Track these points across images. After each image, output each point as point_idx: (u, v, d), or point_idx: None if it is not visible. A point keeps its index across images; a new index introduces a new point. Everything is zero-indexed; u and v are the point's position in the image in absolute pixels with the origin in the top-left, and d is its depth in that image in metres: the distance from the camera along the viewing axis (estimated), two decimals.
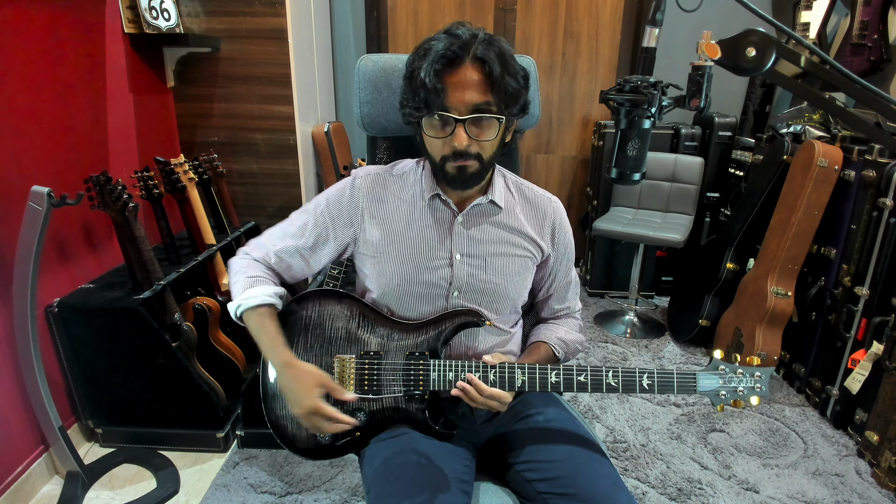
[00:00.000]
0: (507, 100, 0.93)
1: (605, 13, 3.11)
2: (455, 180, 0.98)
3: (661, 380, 0.95)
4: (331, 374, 1.00)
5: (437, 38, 0.93)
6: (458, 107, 0.91)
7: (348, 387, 1.00)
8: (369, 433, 1.02)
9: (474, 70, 0.90)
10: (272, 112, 2.48)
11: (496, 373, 0.96)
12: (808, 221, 2.12)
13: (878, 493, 1.75)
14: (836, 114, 1.05)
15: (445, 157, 0.95)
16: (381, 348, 1.02)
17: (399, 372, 1.00)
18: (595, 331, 2.77)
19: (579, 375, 0.96)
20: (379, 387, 1.01)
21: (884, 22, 2.41)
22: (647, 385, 0.95)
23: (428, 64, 0.90)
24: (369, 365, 1.01)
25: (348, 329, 1.03)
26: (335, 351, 1.02)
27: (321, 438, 1.02)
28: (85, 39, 1.88)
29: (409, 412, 1.01)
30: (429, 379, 0.99)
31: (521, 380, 0.97)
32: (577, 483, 0.94)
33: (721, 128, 2.84)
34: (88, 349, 1.76)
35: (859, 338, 1.98)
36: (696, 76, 0.85)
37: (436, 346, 1.01)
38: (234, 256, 1.10)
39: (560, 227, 1.11)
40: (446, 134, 0.93)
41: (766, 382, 0.95)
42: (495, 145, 0.97)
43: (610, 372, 0.95)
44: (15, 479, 1.62)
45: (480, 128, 0.93)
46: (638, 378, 0.95)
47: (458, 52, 0.89)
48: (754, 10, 0.80)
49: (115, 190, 1.68)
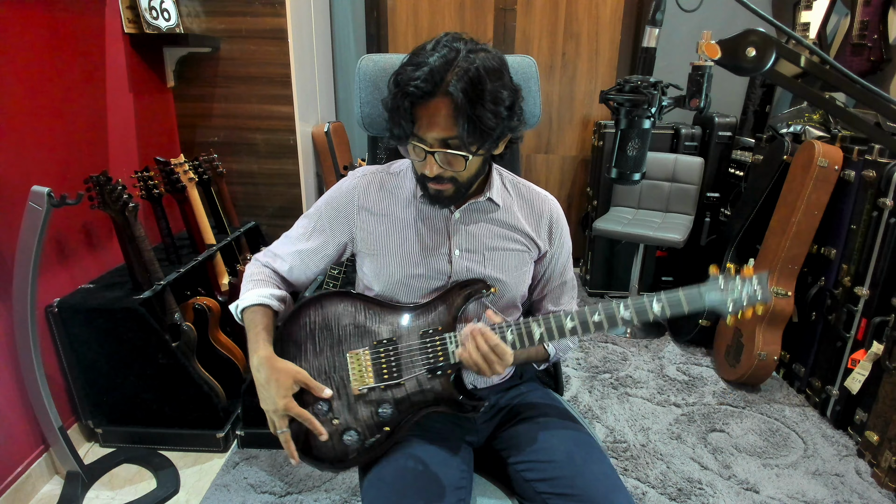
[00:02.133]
0: (475, 135, 0.88)
1: (605, 13, 3.11)
2: (434, 200, 0.99)
3: (669, 301, 0.94)
4: (347, 372, 0.99)
5: (414, 63, 0.89)
6: (427, 138, 0.90)
7: (367, 379, 0.98)
8: (397, 426, 0.99)
9: (444, 104, 0.87)
10: (272, 112, 2.48)
11: (513, 330, 0.95)
12: (808, 221, 2.12)
13: (878, 493, 1.75)
14: (836, 114, 1.05)
15: (424, 177, 0.96)
16: (394, 334, 1.00)
17: (416, 352, 0.99)
18: None
19: (593, 315, 0.94)
20: (399, 371, 0.99)
21: (884, 22, 2.41)
22: (658, 309, 0.93)
23: (400, 96, 0.89)
24: (385, 352, 0.99)
25: (356, 324, 1.02)
26: (347, 348, 1.00)
27: (350, 442, 0.97)
28: (85, 39, 1.88)
29: (435, 390, 0.98)
30: (447, 351, 0.97)
31: (539, 332, 0.95)
32: (575, 483, 0.94)
33: (721, 128, 2.84)
34: (88, 349, 1.76)
35: (859, 338, 1.98)
36: (696, 76, 0.85)
37: (448, 319, 1.00)
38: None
39: (557, 224, 1.11)
40: (420, 159, 0.94)
41: (765, 286, 0.95)
42: (472, 170, 0.96)
43: (621, 305, 0.94)
44: (15, 479, 1.62)
45: (448, 160, 0.92)
46: (648, 304, 0.94)
47: (427, 89, 0.86)
48: (754, 10, 0.80)
49: (115, 190, 1.68)
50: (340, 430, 0.97)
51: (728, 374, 2.33)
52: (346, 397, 0.98)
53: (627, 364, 2.47)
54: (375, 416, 0.98)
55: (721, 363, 2.40)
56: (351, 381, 0.98)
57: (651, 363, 2.48)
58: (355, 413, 0.98)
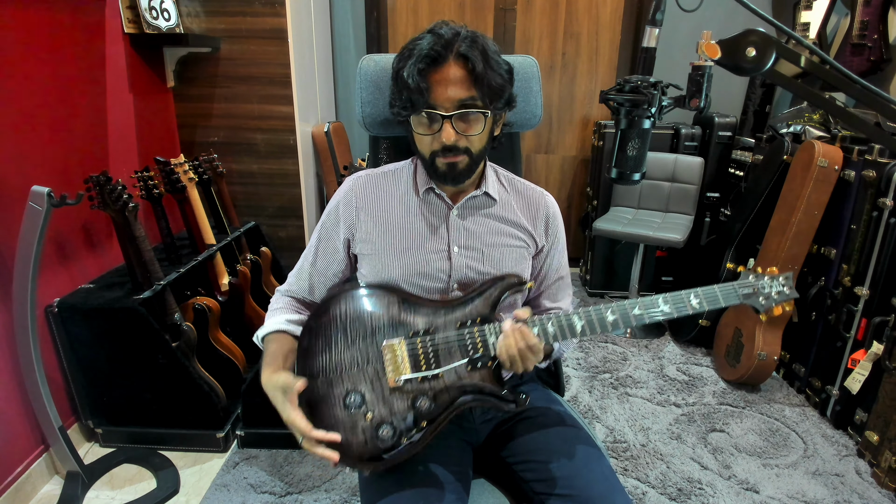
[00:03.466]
0: (492, 94, 0.94)
1: (605, 13, 3.11)
2: (446, 176, 0.99)
3: (707, 297, 0.95)
4: (382, 363, 0.95)
5: (420, 37, 0.94)
6: (443, 103, 0.92)
7: (404, 370, 0.94)
8: (434, 421, 0.94)
9: (458, 67, 0.91)
10: (272, 112, 2.48)
11: (553, 323, 0.94)
12: (808, 221, 2.12)
13: (878, 493, 1.75)
14: (836, 114, 1.05)
15: (435, 153, 0.97)
16: (430, 325, 0.97)
17: (454, 343, 0.96)
18: None
19: (633, 309, 0.94)
20: (437, 362, 0.95)
21: (884, 22, 2.41)
22: (697, 304, 0.94)
23: (412, 64, 0.91)
24: (422, 343, 0.96)
25: (390, 315, 0.98)
26: (381, 339, 0.96)
27: (385, 437, 0.92)
28: (85, 39, 1.88)
29: (475, 382, 0.95)
30: (487, 342, 0.95)
31: (581, 325, 0.94)
32: (573, 484, 0.94)
33: (721, 128, 2.84)
34: (88, 349, 1.76)
35: (859, 338, 1.98)
36: (696, 76, 0.85)
37: (486, 312, 0.98)
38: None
39: (553, 219, 1.11)
40: (434, 131, 0.95)
41: (790, 284, 0.99)
42: (484, 139, 0.98)
43: (660, 298, 0.94)
44: (15, 479, 1.62)
45: (467, 122, 0.94)
46: (687, 299, 0.95)
47: (440, 51, 0.90)
48: (754, 10, 0.80)
49: (115, 190, 1.68)
50: (375, 425, 0.92)
51: (728, 374, 2.34)
52: (380, 390, 0.94)
53: (627, 364, 2.47)
54: (412, 410, 0.93)
55: (721, 363, 2.40)
56: (387, 372, 0.94)
57: (651, 363, 2.48)
58: (390, 406, 0.93)
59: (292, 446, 1.86)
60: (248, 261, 2.33)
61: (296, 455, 1.83)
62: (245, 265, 2.28)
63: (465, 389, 0.95)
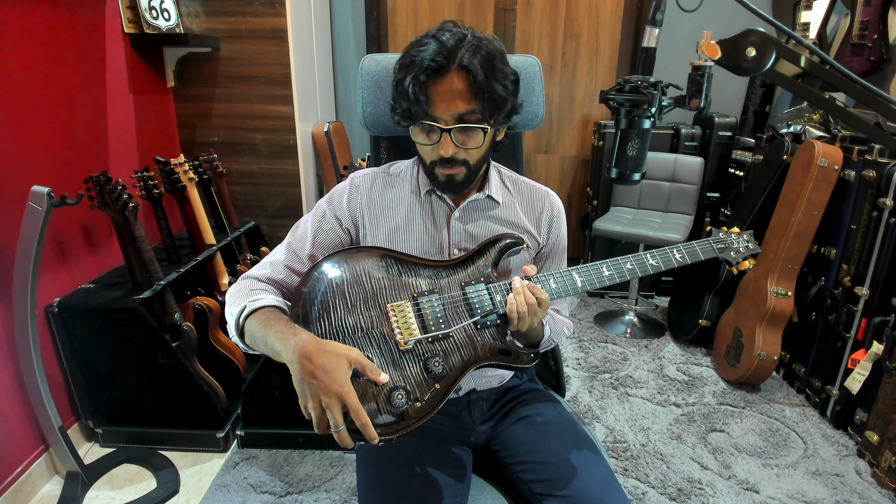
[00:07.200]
0: (493, 107, 0.92)
1: (605, 13, 3.11)
2: (444, 187, 0.99)
3: (688, 251, 1.05)
4: (389, 326, 0.90)
5: (423, 43, 0.91)
6: (443, 116, 0.91)
7: (414, 331, 0.90)
8: (447, 383, 0.89)
9: (459, 79, 0.89)
10: (272, 112, 2.48)
11: (556, 279, 0.98)
12: (808, 221, 2.12)
13: (878, 493, 1.75)
14: (836, 114, 1.05)
15: (434, 163, 0.96)
16: (434, 287, 0.96)
17: (461, 303, 0.95)
18: (595, 331, 2.77)
19: (625, 263, 1.01)
20: (446, 322, 0.93)
21: (884, 22, 2.41)
22: (679, 258, 1.03)
23: (413, 75, 0.89)
24: (428, 304, 0.94)
25: (390, 278, 0.95)
26: (384, 301, 0.92)
27: (399, 404, 0.85)
28: (85, 39, 1.88)
29: (486, 342, 0.93)
30: (494, 300, 0.95)
31: (581, 280, 0.98)
32: (572, 485, 0.94)
33: (721, 128, 2.84)
34: (88, 349, 1.76)
35: (859, 338, 1.98)
36: (696, 76, 0.85)
37: (487, 272, 0.99)
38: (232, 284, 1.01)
39: (556, 218, 1.11)
40: (433, 142, 0.94)
41: (752, 240, 1.13)
42: (482, 151, 0.97)
43: (648, 254, 1.03)
44: (15, 479, 1.62)
45: (466, 135, 0.93)
46: (671, 253, 1.03)
47: (442, 62, 0.88)
48: (754, 10, 0.80)
49: (115, 190, 1.68)
50: (388, 390, 0.85)
51: (728, 374, 2.33)
52: (389, 354, 0.88)
53: (627, 364, 2.47)
54: (424, 373, 0.88)
55: (721, 363, 2.40)
56: (395, 334, 0.89)
57: (651, 363, 2.48)
58: (402, 370, 0.87)
59: (292, 446, 1.86)
60: (248, 261, 2.33)
61: (296, 455, 1.83)
62: (245, 265, 2.28)
63: (475, 348, 0.93)
